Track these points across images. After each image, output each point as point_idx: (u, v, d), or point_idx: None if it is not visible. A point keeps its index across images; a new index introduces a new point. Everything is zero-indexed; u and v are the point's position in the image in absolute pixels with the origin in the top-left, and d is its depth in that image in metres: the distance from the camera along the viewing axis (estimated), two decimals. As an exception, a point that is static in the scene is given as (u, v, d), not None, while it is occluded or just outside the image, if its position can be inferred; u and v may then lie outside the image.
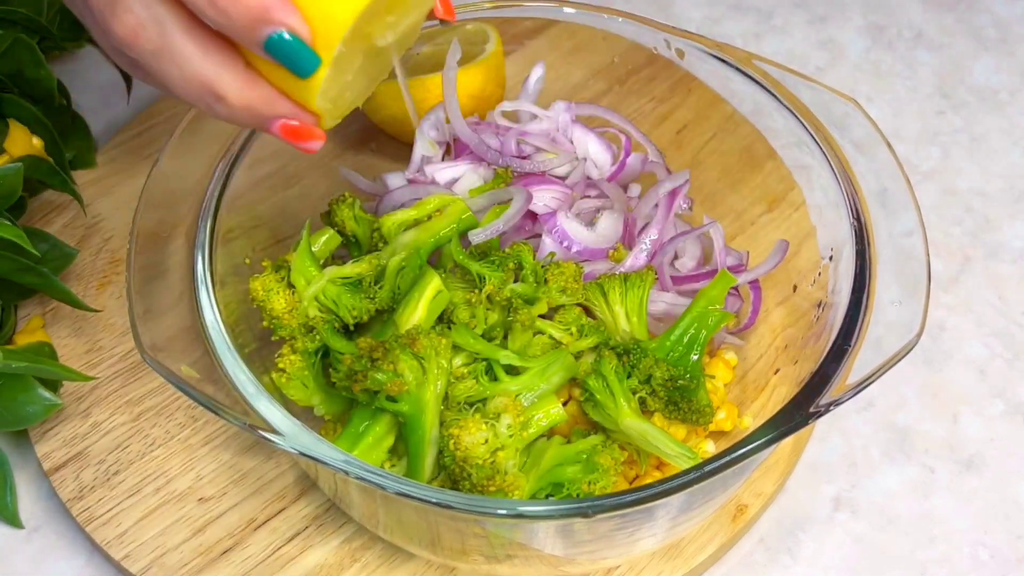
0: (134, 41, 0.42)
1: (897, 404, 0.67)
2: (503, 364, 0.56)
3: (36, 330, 0.65)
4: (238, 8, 0.40)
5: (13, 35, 0.69)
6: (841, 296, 0.54)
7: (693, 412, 0.56)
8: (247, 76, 0.43)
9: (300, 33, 0.41)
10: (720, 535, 0.59)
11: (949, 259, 0.74)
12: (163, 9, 0.41)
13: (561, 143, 0.68)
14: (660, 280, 0.63)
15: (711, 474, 0.47)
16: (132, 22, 0.41)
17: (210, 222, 0.56)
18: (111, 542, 0.59)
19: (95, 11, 0.42)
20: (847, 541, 0.61)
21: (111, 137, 0.77)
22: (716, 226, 0.64)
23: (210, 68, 0.42)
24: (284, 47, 0.41)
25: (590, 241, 0.64)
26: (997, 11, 0.90)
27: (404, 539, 0.55)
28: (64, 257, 0.68)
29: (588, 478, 0.52)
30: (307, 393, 0.57)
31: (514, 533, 0.51)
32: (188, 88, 0.43)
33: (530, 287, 0.59)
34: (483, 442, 0.51)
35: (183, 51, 0.42)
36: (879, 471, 0.64)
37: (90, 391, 0.64)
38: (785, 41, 0.88)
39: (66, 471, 0.61)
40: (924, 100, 0.84)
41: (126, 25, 0.42)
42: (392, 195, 0.66)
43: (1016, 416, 0.67)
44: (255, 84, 0.43)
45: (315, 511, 0.60)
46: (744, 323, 0.64)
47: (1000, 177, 0.79)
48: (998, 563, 0.61)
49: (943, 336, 0.70)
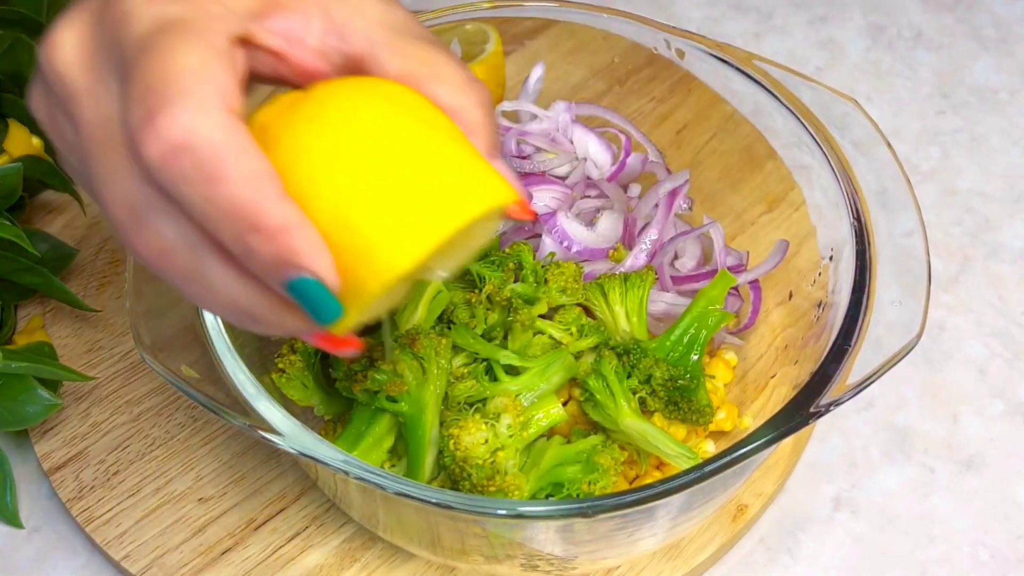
0: (161, 264, 0.37)
1: (897, 404, 0.67)
2: (503, 364, 0.56)
3: (36, 330, 0.65)
4: (263, 247, 0.35)
5: (13, 35, 0.69)
6: (841, 296, 0.54)
7: (693, 412, 0.56)
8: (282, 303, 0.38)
9: (326, 282, 0.36)
10: (720, 535, 0.59)
11: (949, 259, 0.74)
12: (196, 233, 0.36)
13: (561, 143, 0.68)
14: (660, 280, 0.63)
15: (711, 474, 0.47)
16: (160, 245, 0.37)
17: (210, 222, 0.56)
18: (111, 542, 0.59)
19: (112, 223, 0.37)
20: (847, 541, 0.61)
21: (111, 137, 0.77)
22: (716, 226, 0.64)
23: (243, 295, 0.37)
24: (306, 292, 0.36)
25: (590, 241, 0.64)
26: (997, 11, 0.90)
27: (404, 539, 0.55)
28: (64, 257, 0.68)
29: (588, 478, 0.52)
30: (307, 393, 0.57)
31: (514, 533, 0.51)
32: (219, 309, 0.39)
33: (530, 287, 0.59)
34: (483, 442, 0.51)
35: (216, 279, 0.37)
36: (879, 471, 0.64)
37: (90, 391, 0.64)
38: (785, 41, 0.88)
39: (66, 471, 0.61)
40: (924, 100, 0.84)
41: (152, 247, 0.37)
42: (392, 195, 0.66)
43: (1016, 416, 0.67)
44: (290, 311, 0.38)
45: (315, 511, 0.60)
46: (744, 323, 0.64)
47: (1000, 177, 0.79)
48: (998, 563, 0.61)
49: (943, 336, 0.70)
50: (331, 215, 0.36)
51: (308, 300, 0.36)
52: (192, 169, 0.34)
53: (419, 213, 0.37)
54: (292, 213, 0.35)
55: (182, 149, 0.34)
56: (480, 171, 0.38)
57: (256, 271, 0.36)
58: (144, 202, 0.36)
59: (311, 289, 0.36)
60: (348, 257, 0.36)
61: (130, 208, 0.37)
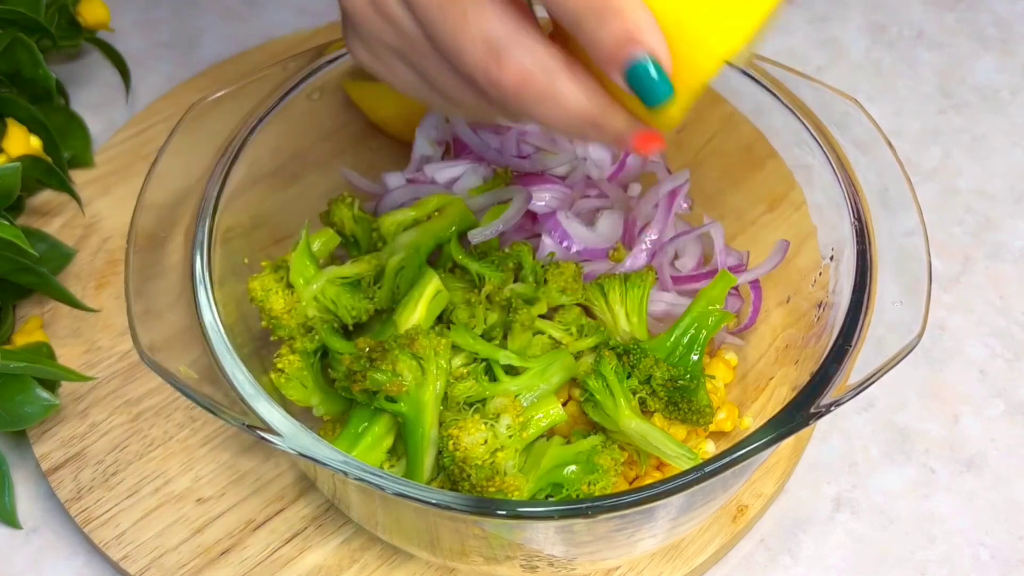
0: (520, 90, 0.42)
1: (897, 404, 0.67)
2: (503, 364, 0.56)
3: (34, 330, 0.65)
4: (605, 29, 0.39)
5: (11, 34, 0.69)
6: (842, 296, 0.54)
7: (693, 412, 0.56)
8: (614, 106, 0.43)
9: (663, 62, 0.40)
10: (720, 535, 0.59)
11: (950, 259, 0.74)
12: (547, 56, 0.41)
13: (561, 143, 0.68)
14: (660, 280, 0.63)
15: (711, 475, 0.46)
16: (520, 72, 0.41)
17: (208, 222, 0.56)
18: (109, 543, 0.59)
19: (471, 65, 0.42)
20: (847, 541, 0.61)
21: (109, 137, 0.77)
22: (716, 226, 0.64)
23: (596, 108, 0.42)
24: (645, 74, 0.40)
25: (590, 241, 0.64)
26: (998, 10, 0.90)
27: (403, 540, 0.55)
28: (62, 257, 0.68)
29: (588, 479, 0.52)
30: (306, 393, 0.56)
31: (514, 534, 0.51)
32: (570, 125, 0.43)
33: (530, 287, 0.59)
34: (482, 442, 0.51)
35: (569, 95, 0.42)
36: (879, 471, 0.64)
37: (88, 391, 0.64)
38: (785, 40, 0.88)
39: (64, 471, 0.61)
40: (925, 99, 0.84)
41: (514, 75, 0.41)
42: (391, 195, 0.66)
43: (1016, 416, 0.66)
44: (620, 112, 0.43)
45: (314, 512, 0.60)
46: (744, 323, 0.64)
47: (1001, 177, 0.79)
48: (998, 563, 0.61)
49: (944, 336, 0.70)
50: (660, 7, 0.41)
51: (645, 82, 0.40)
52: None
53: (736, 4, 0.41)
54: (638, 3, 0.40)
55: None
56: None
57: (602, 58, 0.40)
58: (504, 34, 0.41)
59: (648, 70, 0.40)
60: (677, 44, 0.40)
61: (490, 42, 0.41)
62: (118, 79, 0.80)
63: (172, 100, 0.78)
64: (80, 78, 0.82)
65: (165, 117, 0.77)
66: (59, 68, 0.81)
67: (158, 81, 0.83)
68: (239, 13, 0.88)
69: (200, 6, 0.88)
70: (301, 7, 0.88)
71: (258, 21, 0.87)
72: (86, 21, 0.77)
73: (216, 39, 0.86)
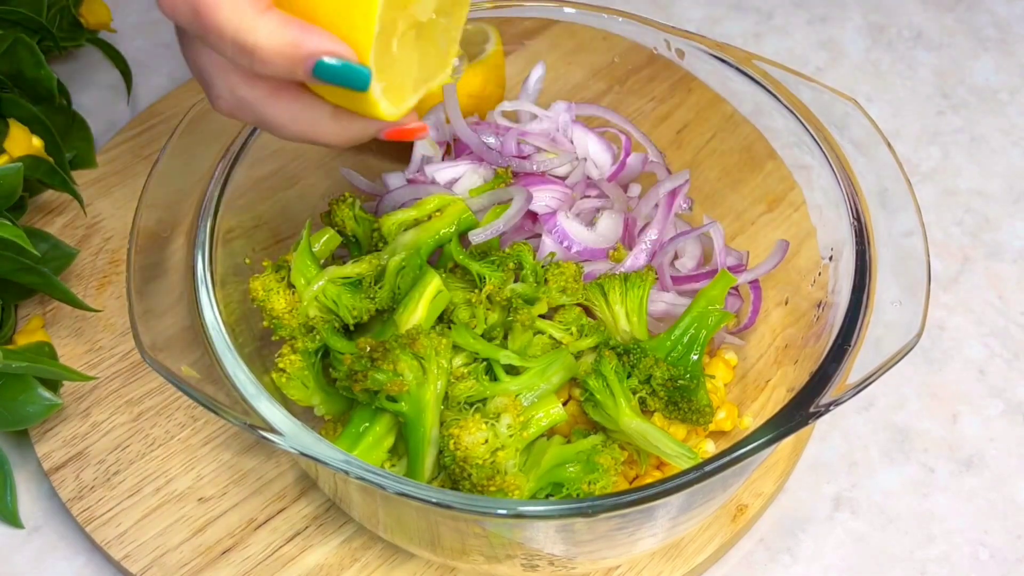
0: (236, 117, 0.46)
1: (897, 404, 0.67)
2: (503, 364, 0.56)
3: (36, 330, 0.65)
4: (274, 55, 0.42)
5: (13, 35, 0.69)
6: (841, 296, 0.54)
7: (693, 412, 0.56)
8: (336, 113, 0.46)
9: (337, 53, 0.42)
10: (720, 535, 0.59)
11: (949, 259, 0.74)
12: (242, 90, 0.45)
13: (561, 143, 0.68)
14: (660, 280, 0.63)
15: (711, 474, 0.47)
16: (226, 107, 0.46)
17: (210, 222, 0.56)
18: (111, 542, 0.59)
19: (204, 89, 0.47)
20: (847, 541, 0.61)
21: (111, 137, 0.77)
22: (716, 226, 0.64)
23: (306, 122, 0.46)
24: (329, 71, 0.42)
25: (590, 241, 0.64)
26: (997, 11, 0.90)
27: (404, 539, 0.55)
28: (64, 257, 0.68)
29: (588, 478, 0.52)
30: (307, 393, 0.57)
31: (514, 533, 0.51)
32: (299, 138, 0.47)
33: (530, 287, 0.59)
34: (483, 442, 0.51)
35: (277, 117, 0.46)
36: (879, 471, 0.64)
37: (90, 391, 0.64)
38: (785, 41, 0.88)
39: (66, 471, 0.61)
40: (924, 100, 0.84)
41: (223, 109, 0.46)
42: (392, 195, 0.66)
43: (1016, 416, 0.67)
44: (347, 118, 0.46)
45: (315, 511, 0.60)
46: (744, 323, 0.64)
47: (1000, 177, 0.79)
48: (998, 563, 0.61)
49: (943, 336, 0.70)
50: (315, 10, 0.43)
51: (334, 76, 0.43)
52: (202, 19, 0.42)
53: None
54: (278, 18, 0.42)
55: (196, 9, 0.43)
56: None
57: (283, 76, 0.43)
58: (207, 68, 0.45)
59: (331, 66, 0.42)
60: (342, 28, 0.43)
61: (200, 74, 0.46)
62: (119, 80, 0.80)
63: (174, 101, 0.79)
64: (82, 79, 0.82)
65: (166, 118, 0.78)
66: (61, 69, 0.82)
67: (160, 82, 0.83)
68: (240, 14, 0.88)
69: (201, 7, 0.88)
70: (302, 8, 0.88)
71: (259, 22, 0.87)
72: (88, 22, 0.77)
73: (217, 40, 0.86)
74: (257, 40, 0.42)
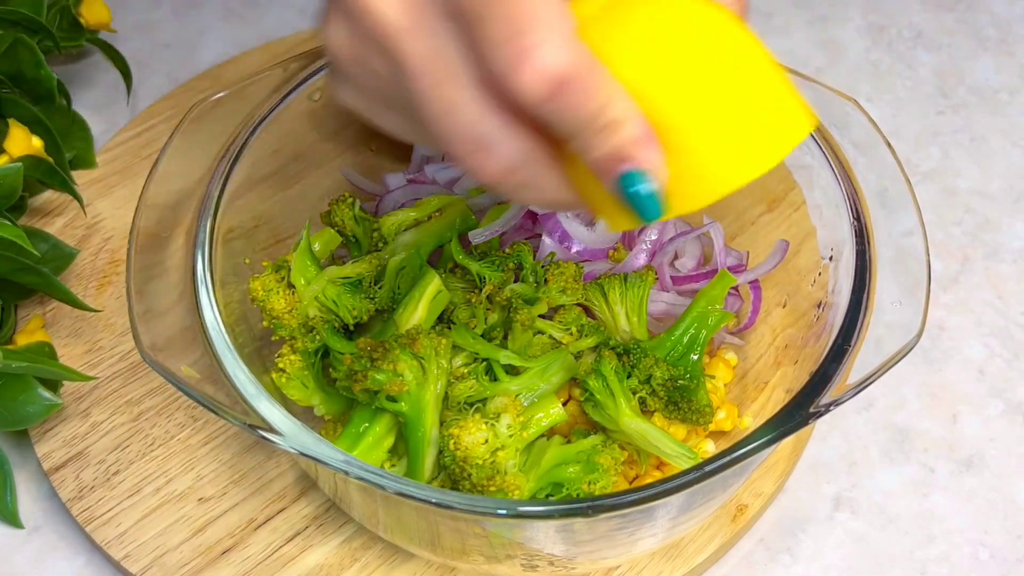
0: (504, 180, 0.41)
1: (897, 404, 0.67)
2: (503, 364, 0.56)
3: (36, 330, 0.65)
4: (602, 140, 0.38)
5: (13, 35, 0.69)
6: (841, 296, 0.54)
7: (693, 412, 0.56)
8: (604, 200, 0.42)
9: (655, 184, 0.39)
10: (720, 535, 0.59)
11: (949, 259, 0.74)
12: (531, 147, 0.40)
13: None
14: (660, 280, 0.63)
15: (711, 474, 0.47)
16: (506, 163, 0.40)
17: (210, 222, 0.56)
18: (111, 542, 0.59)
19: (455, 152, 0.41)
20: (847, 541, 0.61)
21: (111, 137, 0.77)
22: (716, 226, 0.64)
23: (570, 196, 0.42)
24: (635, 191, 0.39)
25: (590, 241, 0.64)
26: (997, 11, 0.90)
27: (404, 539, 0.55)
28: (64, 257, 0.68)
29: (588, 478, 0.52)
30: (307, 393, 0.57)
31: (514, 533, 0.51)
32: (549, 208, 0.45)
33: (530, 287, 0.59)
34: (483, 442, 0.51)
35: (548, 184, 0.41)
36: (879, 471, 0.64)
37: (90, 391, 0.64)
38: (785, 41, 0.88)
39: (66, 471, 0.61)
40: (924, 100, 0.84)
41: (498, 167, 0.41)
42: (392, 195, 0.66)
43: (1016, 416, 0.67)
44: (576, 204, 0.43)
45: (315, 511, 0.60)
46: (744, 323, 0.64)
47: (1000, 177, 0.79)
48: (998, 562, 0.61)
49: (943, 336, 0.70)
50: (661, 122, 0.38)
51: (633, 198, 0.39)
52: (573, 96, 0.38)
53: (753, 139, 0.38)
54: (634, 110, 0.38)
55: (564, 81, 0.37)
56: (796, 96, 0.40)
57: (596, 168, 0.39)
58: (491, 130, 0.40)
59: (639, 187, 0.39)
60: (675, 166, 0.38)
61: (475, 136, 0.40)
62: (119, 80, 0.80)
63: (173, 101, 0.79)
64: (82, 79, 0.82)
65: (166, 118, 0.78)
66: (61, 69, 0.82)
67: (159, 82, 0.83)
68: (240, 14, 0.88)
69: (201, 7, 0.88)
70: (302, 8, 0.88)
71: (259, 22, 0.87)
72: (88, 22, 0.77)
73: (217, 40, 0.86)
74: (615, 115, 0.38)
